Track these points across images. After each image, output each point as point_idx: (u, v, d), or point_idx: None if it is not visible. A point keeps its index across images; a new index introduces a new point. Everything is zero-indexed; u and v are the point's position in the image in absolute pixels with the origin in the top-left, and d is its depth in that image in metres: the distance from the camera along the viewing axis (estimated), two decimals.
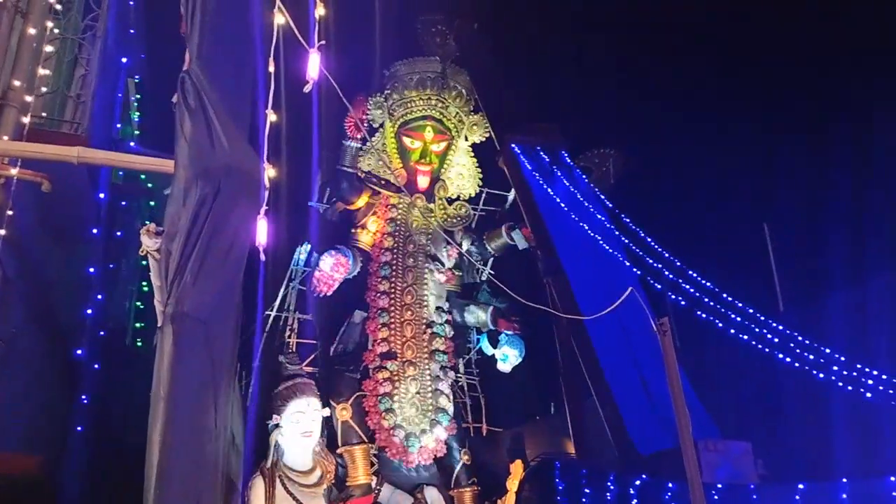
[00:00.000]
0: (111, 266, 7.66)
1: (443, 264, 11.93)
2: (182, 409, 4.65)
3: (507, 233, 11.84)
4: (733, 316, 8.60)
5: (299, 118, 11.55)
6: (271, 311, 11.69)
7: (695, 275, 9.05)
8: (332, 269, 10.97)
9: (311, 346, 11.71)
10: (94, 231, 6.39)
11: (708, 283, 9.11)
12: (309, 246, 11.74)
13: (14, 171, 5.24)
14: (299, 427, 10.33)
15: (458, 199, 12.18)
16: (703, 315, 8.69)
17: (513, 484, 10.80)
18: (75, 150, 4.87)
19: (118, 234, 7.87)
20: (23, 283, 5.73)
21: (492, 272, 12.16)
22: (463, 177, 12.14)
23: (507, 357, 11.51)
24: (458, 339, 11.93)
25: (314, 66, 4.92)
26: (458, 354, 11.96)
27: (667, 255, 9.10)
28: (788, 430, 8.72)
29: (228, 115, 5.17)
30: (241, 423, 9.62)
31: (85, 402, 6.15)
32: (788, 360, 8.27)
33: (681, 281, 8.99)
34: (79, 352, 5.70)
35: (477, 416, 12.05)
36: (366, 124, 11.57)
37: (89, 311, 5.68)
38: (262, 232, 4.90)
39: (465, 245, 12.21)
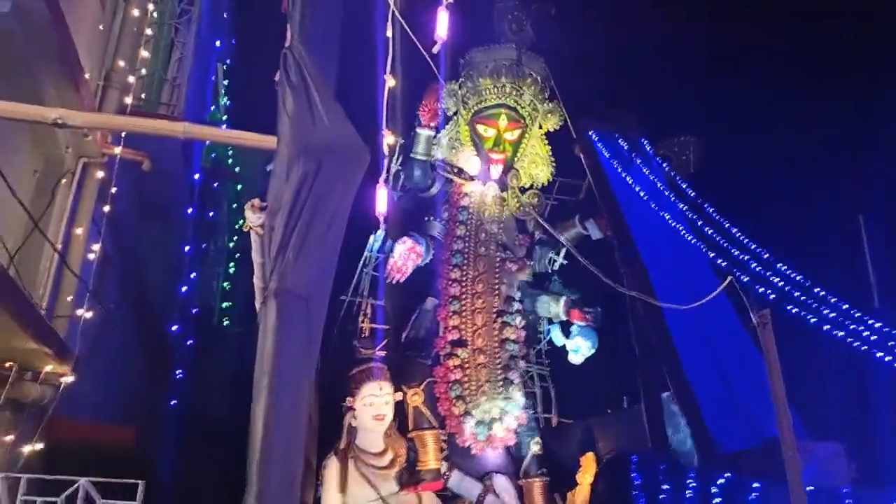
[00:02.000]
0: (203, 246, 7.78)
1: (515, 253, 11.77)
2: (284, 385, 4.65)
3: (581, 222, 11.57)
4: (825, 311, 8.14)
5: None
6: (345, 296, 11.74)
7: (784, 267, 8.61)
8: (405, 257, 10.94)
9: (383, 331, 11.70)
10: (189, 211, 6.47)
11: (798, 277, 8.67)
12: (383, 232, 11.73)
13: (118, 150, 5.35)
14: (372, 410, 10.42)
15: (531, 187, 11.96)
16: (793, 309, 8.27)
17: (584, 477, 10.59)
18: (181, 126, 4.93)
19: (210, 214, 7.99)
20: (120, 261, 5.86)
21: (565, 261, 11.93)
22: (536, 165, 11.91)
23: (579, 349, 11.27)
24: (529, 328, 11.76)
25: (443, 24, 4.81)
26: (529, 344, 11.78)
27: (753, 246, 8.69)
28: (884, 433, 8.25)
29: (330, 91, 5.13)
30: (315, 404, 9.70)
31: (180, 376, 6.27)
32: (884, 357, 7.81)
33: (769, 273, 8.57)
34: (174, 328, 5.78)
35: (547, 406, 11.86)
36: (440, 112, 11.46)
37: (184, 289, 5.76)
38: (381, 201, 4.85)
39: (537, 234, 12.01)
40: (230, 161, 10.28)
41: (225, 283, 11.19)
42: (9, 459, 4.19)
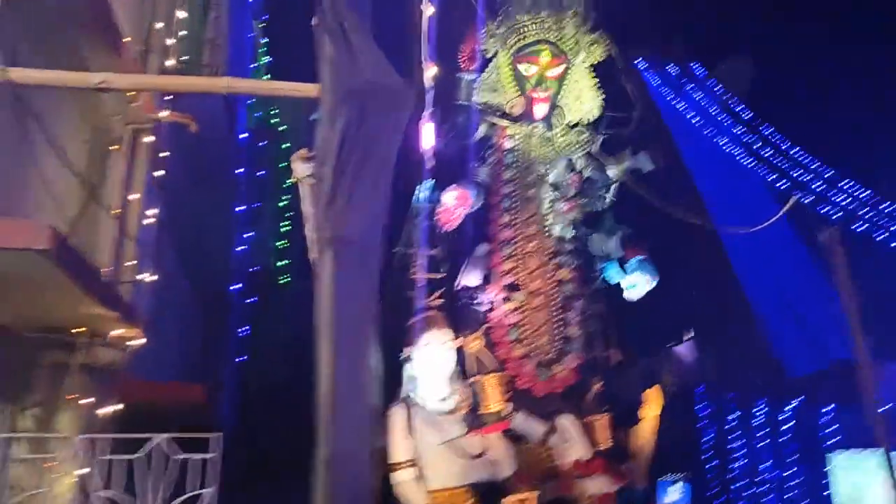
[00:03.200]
0: (257, 205, 7.82)
1: (565, 193, 11.51)
2: (347, 333, 4.64)
3: (632, 155, 11.19)
4: (894, 227, 7.72)
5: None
6: (397, 248, 11.72)
7: (849, 184, 8.18)
8: (454, 205, 10.82)
9: (437, 280, 11.67)
10: (239, 171, 6.47)
11: (864, 193, 8.22)
12: (431, 182, 11.60)
13: (164, 114, 5.34)
14: (432, 358, 10.48)
15: (577, 124, 11.59)
16: (861, 227, 7.87)
17: (647, 412, 10.53)
18: (224, 81, 4.87)
19: (260, 173, 7.98)
20: (176, 226, 5.92)
21: (616, 198, 11.61)
22: (582, 100, 11.50)
23: (636, 284, 11.07)
24: (584, 268, 11.57)
25: None
26: (585, 283, 11.60)
27: (815, 165, 8.26)
28: None
29: (367, 31, 4.96)
30: (377, 355, 9.78)
31: (246, 333, 6.37)
32: None
33: (833, 192, 8.16)
34: (234, 286, 5.85)
35: (607, 344, 11.72)
36: (479, 54, 11.12)
37: (241, 248, 5.79)
38: (428, 136, 4.74)
39: (588, 172, 11.69)
40: (274, 121, 10.20)
41: (280, 242, 11.27)
42: (87, 422, 4.32)
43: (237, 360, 6.29)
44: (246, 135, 6.61)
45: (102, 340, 4.52)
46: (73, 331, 4.19)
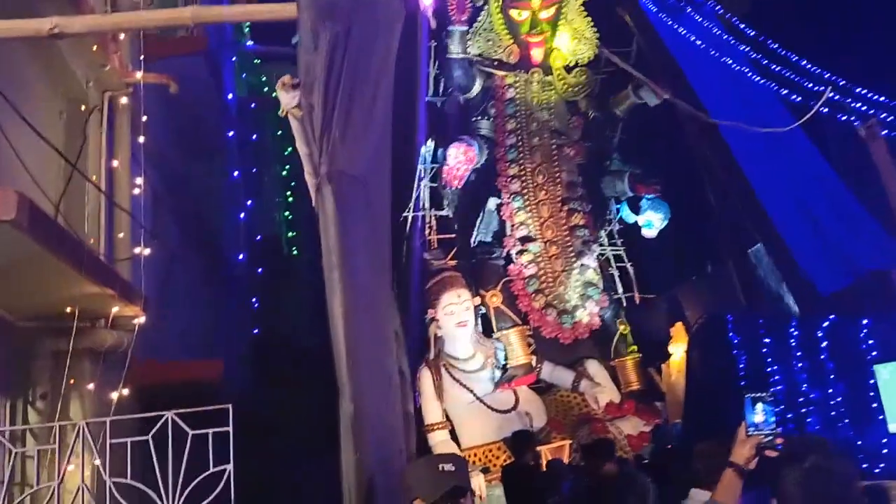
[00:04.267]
0: (254, 170, 7.39)
1: (569, 137, 10.99)
2: (357, 274, 4.24)
3: (635, 91, 10.62)
4: None
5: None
6: (408, 212, 11.32)
7: (865, 91, 7.60)
8: (458, 161, 10.38)
9: (451, 240, 11.31)
10: (230, 134, 6.02)
11: (882, 97, 7.65)
12: (433, 142, 11.16)
13: (139, 75, 4.92)
14: (454, 318, 10.29)
15: (576, 65, 11.03)
16: (885, 132, 7.33)
17: (675, 348, 10.17)
18: (189, 11, 4.39)
19: (253, 137, 7.52)
20: (173, 197, 5.55)
21: (623, 136, 11.08)
22: (578, 41, 10.91)
23: (651, 222, 10.63)
24: (597, 211, 11.12)
25: None
26: (599, 226, 11.17)
27: (827, 75, 7.68)
28: None
29: None
30: (399, 320, 9.44)
31: (256, 305, 6.02)
32: None
33: (849, 100, 7.59)
34: (240, 257, 5.48)
35: (628, 285, 11.32)
36: (469, 4, 10.53)
37: (242, 216, 5.40)
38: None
39: (591, 113, 11.15)
40: (265, 89, 9.64)
41: (286, 213, 10.85)
42: (97, 408, 3.98)
43: (252, 332, 5.97)
44: (231, 95, 6.14)
45: (104, 323, 4.17)
46: (68, 311, 3.81)
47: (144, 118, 4.86)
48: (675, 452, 6.92)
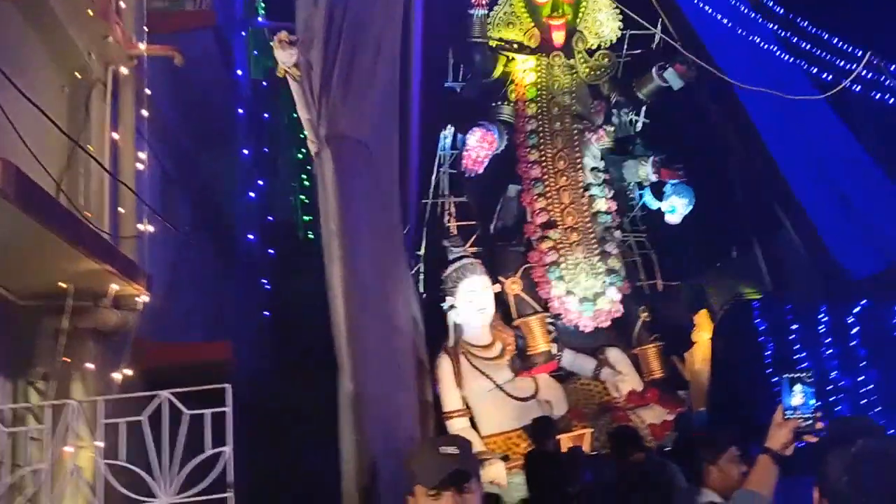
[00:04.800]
0: (265, 150, 7.16)
1: (592, 122, 10.64)
2: (359, 243, 4.00)
3: (659, 74, 10.23)
4: None
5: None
6: (427, 198, 11.09)
7: None
8: (478, 147, 10.11)
9: (471, 227, 11.06)
10: (240, 111, 5.83)
11: None
12: (452, 128, 10.90)
13: (143, 46, 4.74)
14: (473, 306, 10.07)
15: (598, 48, 10.67)
16: None
17: (699, 335, 9.82)
18: None
19: (265, 115, 7.28)
20: (183, 178, 5.38)
21: (647, 120, 10.70)
22: (601, 23, 10.55)
23: (675, 208, 10.26)
24: (620, 197, 10.80)
25: None
26: (622, 213, 10.83)
27: (860, 53, 7.26)
28: None
29: None
30: (419, 307, 9.24)
31: (267, 287, 5.82)
32: None
33: (883, 77, 7.17)
34: (250, 236, 5.30)
35: (650, 272, 10.96)
36: None
37: (252, 195, 5.22)
38: None
39: (613, 97, 10.78)
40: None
41: (302, 196, 10.63)
42: (100, 389, 3.82)
43: (263, 315, 5.79)
44: (241, 72, 5.95)
45: (106, 302, 4.00)
46: (67, 289, 3.65)
47: (148, 91, 4.68)
48: (699, 441, 6.60)
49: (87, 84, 4.52)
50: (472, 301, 10.02)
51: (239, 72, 5.70)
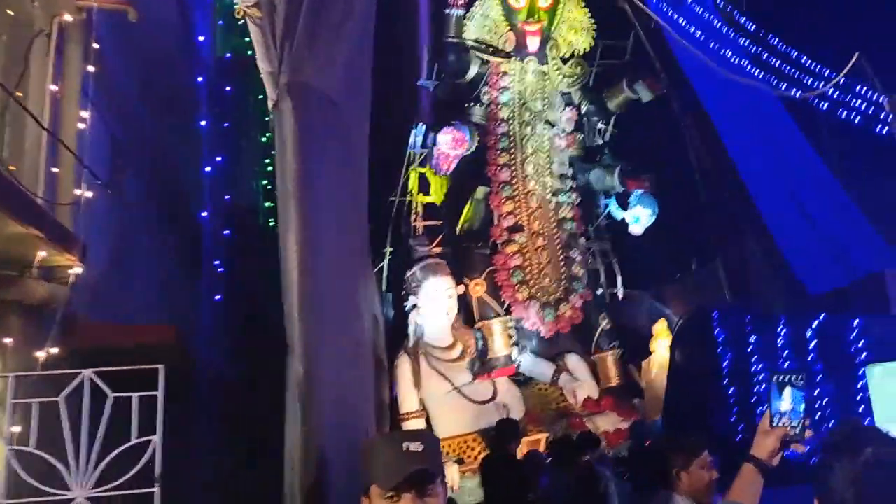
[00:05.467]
0: (225, 125, 6.72)
1: (562, 129, 10.45)
2: (319, 208, 3.58)
3: (629, 85, 10.11)
4: None
5: None
6: (395, 196, 10.76)
7: (865, 89, 7.10)
8: (449, 147, 9.84)
9: (437, 227, 10.76)
10: (199, 79, 5.39)
11: (882, 98, 7.15)
12: (423, 126, 10.61)
13: None
14: (436, 306, 9.81)
15: (572, 56, 10.51)
16: (883, 130, 6.81)
17: (657, 344, 9.66)
18: None
19: (227, 89, 6.83)
20: (133, 146, 4.96)
21: (615, 130, 10.55)
22: (575, 31, 10.41)
23: (639, 217, 10.15)
24: (585, 204, 10.62)
25: None
26: (587, 220, 10.66)
27: (827, 72, 7.18)
28: None
29: None
30: (380, 305, 8.90)
31: (220, 269, 5.42)
32: None
33: (850, 97, 7.09)
34: (203, 214, 4.89)
35: (612, 281, 10.80)
36: None
37: (208, 169, 4.81)
38: None
39: (584, 105, 10.61)
40: (247, 39, 8.78)
41: (265, 182, 10.14)
42: (19, 368, 3.39)
43: (214, 299, 5.37)
44: (203, 38, 5.52)
45: (34, 272, 3.57)
46: None
47: (96, 46, 4.26)
48: (652, 449, 6.39)
49: (28, 34, 4.08)
50: (434, 301, 9.77)
51: (201, 38, 5.27)
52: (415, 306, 9.80)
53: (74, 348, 3.75)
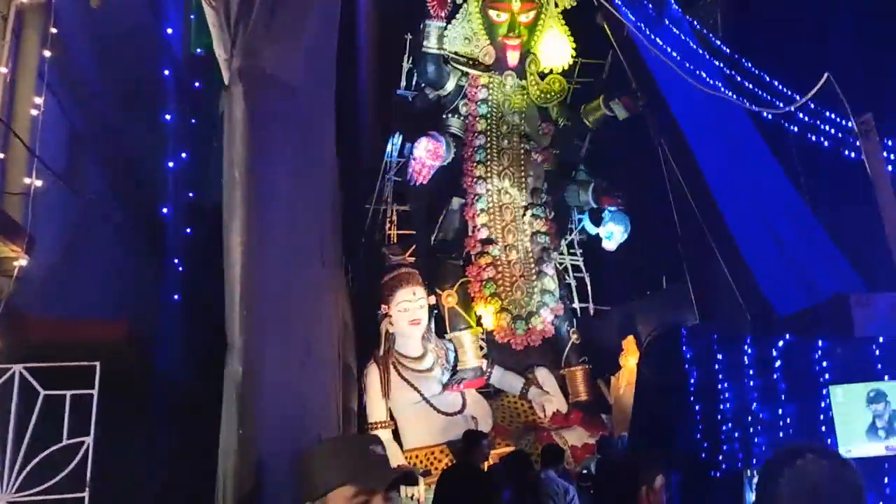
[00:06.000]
0: (192, 122, 6.51)
1: (538, 143, 10.41)
2: (271, 198, 3.37)
3: (606, 103, 10.10)
4: (891, 155, 6.69)
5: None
6: (370, 204, 10.62)
7: (833, 115, 7.14)
8: (426, 157, 9.74)
9: (411, 236, 10.63)
10: (166, 73, 5.18)
11: (849, 124, 7.17)
12: (401, 136, 10.50)
13: None
14: (407, 315, 9.67)
15: (550, 72, 10.49)
16: (851, 154, 6.83)
17: (626, 360, 9.61)
18: None
19: (196, 85, 6.63)
20: (95, 139, 4.76)
21: (591, 147, 10.54)
22: (555, 48, 10.38)
23: (612, 234, 10.14)
24: (559, 219, 10.57)
25: None
26: (560, 235, 10.61)
27: (798, 97, 7.21)
28: None
29: None
30: (350, 311, 8.72)
31: (180, 268, 5.20)
32: None
33: (818, 122, 7.12)
34: (164, 210, 4.69)
35: (584, 296, 10.74)
36: (449, 1, 9.92)
37: (171, 165, 4.61)
38: None
39: (561, 121, 10.59)
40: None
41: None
42: None
43: (173, 298, 5.14)
44: (171, 30, 5.34)
45: None
46: None
47: (54, 30, 4.06)
48: (619, 464, 6.28)
49: None
50: (406, 311, 9.63)
51: (169, 30, 5.08)
52: (386, 315, 9.65)
53: (15, 343, 3.53)
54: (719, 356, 7.02)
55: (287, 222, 3.52)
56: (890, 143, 6.74)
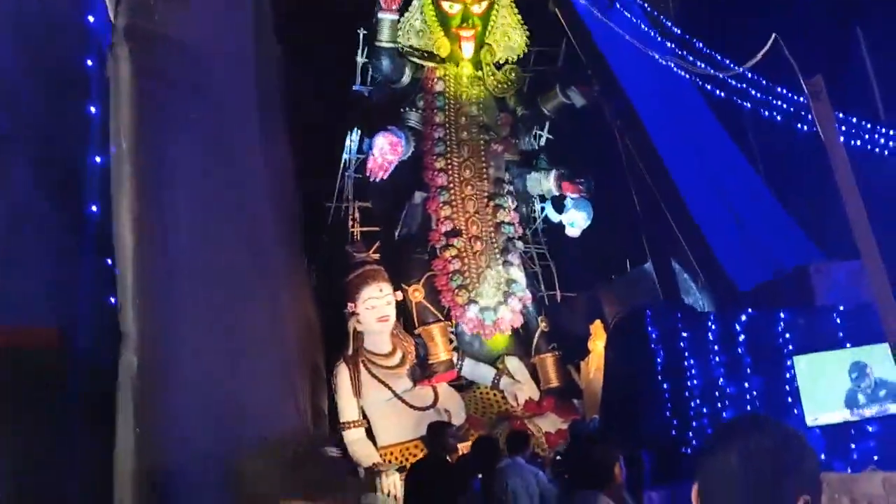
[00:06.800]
0: None
1: (498, 133, 10.30)
2: (166, 160, 3.04)
3: (562, 91, 10.05)
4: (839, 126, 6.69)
5: None
6: (331, 202, 10.41)
7: (784, 90, 7.17)
8: (385, 152, 9.56)
9: (374, 233, 10.45)
10: (89, 63, 4.83)
11: (802, 98, 7.19)
12: (359, 132, 10.29)
13: None
14: (375, 313, 9.50)
15: (506, 62, 10.42)
16: (804, 127, 6.86)
17: (594, 344, 9.59)
18: None
19: None
20: (20, 137, 4.47)
21: (550, 136, 10.48)
22: (509, 37, 10.32)
23: (575, 221, 10.11)
24: (522, 208, 10.51)
25: None
26: (524, 224, 10.56)
27: (750, 74, 7.22)
28: None
29: None
30: (315, 311, 8.50)
31: (116, 271, 4.82)
32: None
33: (771, 98, 7.14)
34: (94, 208, 4.36)
35: (550, 283, 10.69)
36: None
37: (98, 160, 4.27)
38: None
39: (519, 111, 10.50)
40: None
41: None
42: None
43: (107, 300, 4.76)
44: (93, 18, 4.96)
45: None
46: None
47: None
48: (587, 446, 6.20)
49: None
50: (373, 308, 9.46)
51: (91, 18, 4.74)
52: (353, 313, 9.46)
53: None
54: (684, 334, 7.00)
55: (197, 200, 3.22)
56: (841, 115, 6.79)
